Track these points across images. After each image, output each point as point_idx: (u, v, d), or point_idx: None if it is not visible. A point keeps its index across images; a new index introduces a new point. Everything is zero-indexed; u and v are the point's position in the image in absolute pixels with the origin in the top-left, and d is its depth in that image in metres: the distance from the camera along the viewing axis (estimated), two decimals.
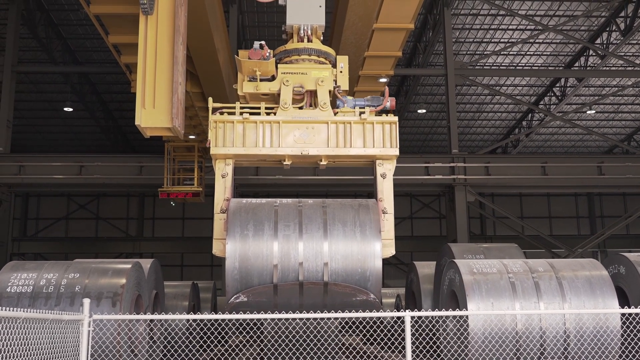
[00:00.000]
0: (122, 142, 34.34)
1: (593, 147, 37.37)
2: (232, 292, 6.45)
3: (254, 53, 7.11)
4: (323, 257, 6.48)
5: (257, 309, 6.58)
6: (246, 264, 6.42)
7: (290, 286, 6.49)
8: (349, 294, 6.55)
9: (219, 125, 6.98)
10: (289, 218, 6.65)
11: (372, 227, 6.60)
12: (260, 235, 6.51)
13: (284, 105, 7.20)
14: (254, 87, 7.35)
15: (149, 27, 6.50)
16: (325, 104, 7.25)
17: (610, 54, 24.08)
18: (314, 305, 6.64)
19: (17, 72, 22.33)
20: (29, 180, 20.71)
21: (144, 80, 6.38)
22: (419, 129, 34.68)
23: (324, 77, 7.38)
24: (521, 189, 23.51)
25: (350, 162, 7.38)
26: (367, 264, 6.52)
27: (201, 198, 20.61)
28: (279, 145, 7.03)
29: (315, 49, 7.64)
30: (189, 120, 17.92)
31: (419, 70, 25.84)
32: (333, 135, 7.12)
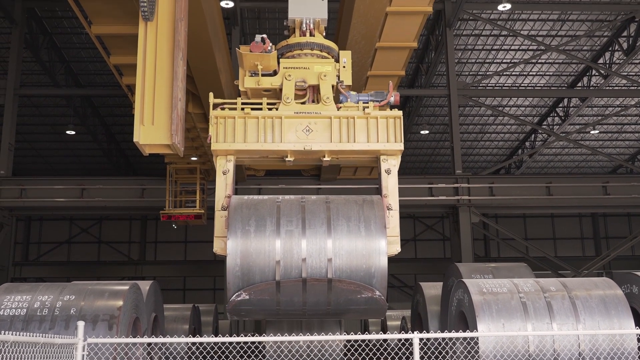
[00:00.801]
0: (124, 165, 34.26)
1: (597, 167, 37.19)
2: (233, 290, 6.24)
3: (256, 46, 6.96)
4: (327, 253, 6.26)
5: (259, 307, 6.37)
6: (248, 260, 6.21)
7: (293, 283, 6.27)
8: (353, 290, 6.33)
9: (219, 120, 6.80)
10: (292, 214, 6.44)
11: (377, 223, 6.38)
12: (262, 231, 6.30)
13: (286, 100, 7.03)
14: (255, 82, 7.19)
15: (148, 42, 6.38)
16: (328, 99, 7.09)
17: (613, 73, 24.01)
18: (318, 303, 6.42)
19: (20, 96, 22.29)
20: (30, 203, 20.57)
21: (143, 97, 6.24)
22: (422, 150, 34.56)
23: (326, 71, 7.23)
24: (526, 209, 23.34)
25: (354, 158, 7.18)
26: (372, 260, 6.30)
27: (203, 220, 20.43)
28: (281, 141, 6.83)
29: (317, 43, 7.50)
30: (190, 142, 17.81)
31: (422, 91, 25.78)
32: (336, 131, 6.94)
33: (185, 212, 19.94)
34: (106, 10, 11.23)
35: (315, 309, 6.60)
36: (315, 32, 7.57)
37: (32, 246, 35.77)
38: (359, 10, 10.97)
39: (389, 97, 7.11)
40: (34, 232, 35.90)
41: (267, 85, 7.11)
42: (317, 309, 6.60)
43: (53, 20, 23.18)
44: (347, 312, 6.70)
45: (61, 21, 23.12)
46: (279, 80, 7.11)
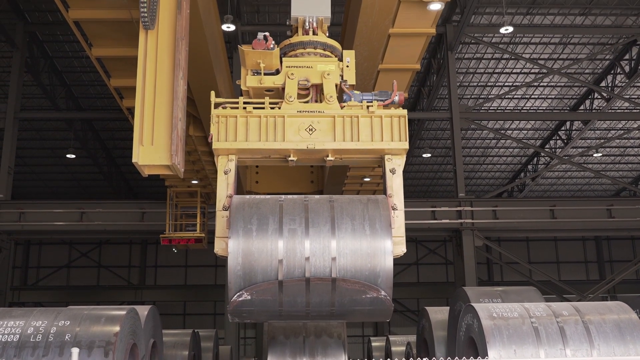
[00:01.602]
0: (125, 188, 34.14)
1: (600, 190, 37.03)
2: (235, 290, 6.01)
3: (258, 43, 6.82)
4: (331, 252, 6.05)
5: (261, 308, 6.16)
6: (250, 259, 5.99)
7: (296, 282, 6.06)
8: (358, 290, 6.11)
9: (221, 119, 6.62)
10: (295, 212, 6.24)
11: (382, 222, 6.19)
12: (265, 230, 6.09)
13: (288, 98, 6.86)
14: (257, 81, 7.02)
15: (148, 61, 6.26)
16: (331, 97, 6.92)
17: (615, 96, 23.96)
18: (322, 304, 6.20)
19: (20, 119, 22.22)
20: (29, 227, 20.38)
21: (142, 116, 6.10)
22: (424, 174, 34.44)
23: (330, 70, 7.08)
24: (529, 232, 23.14)
25: (358, 158, 6.99)
26: (377, 259, 6.10)
27: (204, 244, 20.22)
28: (284, 140, 6.66)
29: (320, 42, 7.35)
30: (191, 165, 17.68)
31: (424, 114, 25.71)
32: (340, 129, 6.76)
33: (186, 235, 19.74)
34: (106, 32, 11.17)
35: (318, 310, 6.37)
36: (318, 31, 7.44)
37: (31, 270, 35.50)
38: (362, 32, 10.90)
39: (394, 96, 6.95)
40: (33, 256, 35.66)
41: (270, 84, 6.96)
42: (321, 310, 6.38)
43: (54, 44, 23.20)
44: (352, 314, 6.48)
45: (62, 45, 23.13)
46: (282, 79, 6.97)
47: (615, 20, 22.64)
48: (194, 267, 35.38)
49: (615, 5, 21.65)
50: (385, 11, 10.24)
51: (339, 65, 7.14)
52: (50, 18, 21.55)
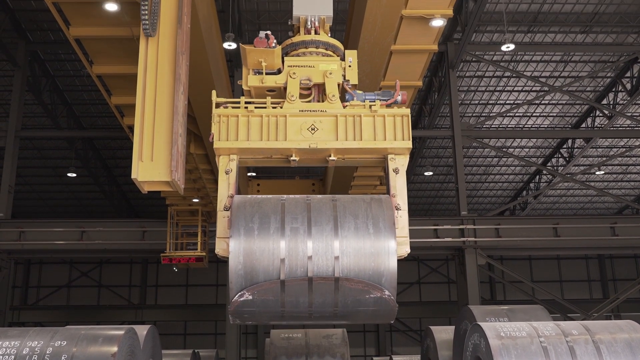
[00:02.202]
0: (126, 207, 34.04)
1: (602, 208, 36.88)
2: (236, 290, 5.87)
3: (260, 42, 6.73)
4: (334, 251, 5.93)
5: (263, 309, 6.01)
6: (251, 258, 5.86)
7: (298, 282, 5.91)
8: (362, 290, 5.96)
9: (222, 119, 6.52)
10: (297, 211, 6.12)
11: (386, 221, 6.06)
12: (267, 229, 5.96)
13: (290, 97, 6.76)
14: (259, 81, 6.93)
15: (148, 75, 6.18)
16: (334, 96, 6.82)
17: (617, 114, 23.91)
18: (324, 304, 6.06)
19: (21, 138, 22.18)
20: (29, 246, 20.24)
21: (142, 132, 6.00)
22: (426, 192, 34.34)
23: (332, 69, 7.00)
24: (532, 251, 22.97)
25: (361, 157, 6.87)
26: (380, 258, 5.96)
27: (205, 263, 20.11)
28: (286, 139, 6.56)
29: (323, 41, 7.26)
30: (192, 183, 17.61)
31: (426, 132, 25.66)
32: (342, 128, 6.65)
33: (186, 254, 19.62)
34: (107, 49, 11.15)
35: (321, 311, 6.23)
36: (320, 31, 7.38)
37: (31, 290, 35.30)
38: (364, 48, 10.86)
39: (396, 95, 6.86)
40: (33, 276, 35.47)
41: (271, 83, 6.87)
42: (324, 311, 6.24)
43: (56, 63, 23.22)
44: (356, 315, 6.33)
45: (64, 64, 23.15)
46: (284, 79, 6.88)
47: (616, 38, 22.66)
48: (195, 287, 35.19)
49: (616, 23, 21.67)
50: (387, 27, 10.21)
51: (341, 65, 7.07)
52: (52, 37, 21.58)
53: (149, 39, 6.35)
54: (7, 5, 19.97)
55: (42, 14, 20.30)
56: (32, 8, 20.29)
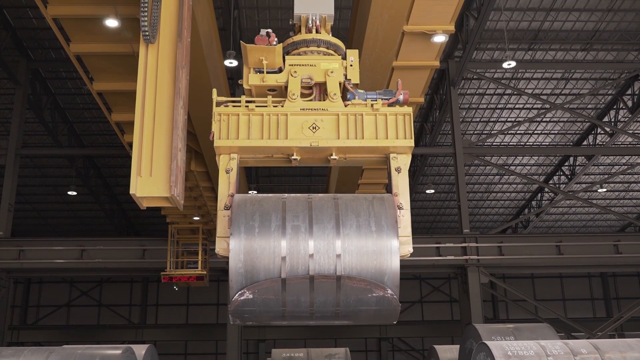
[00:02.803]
0: (126, 226, 33.92)
1: (604, 226, 36.73)
2: (236, 288, 5.75)
3: (260, 39, 6.67)
4: (335, 249, 5.83)
5: (264, 309, 5.89)
6: (252, 257, 5.75)
7: (299, 280, 5.79)
8: (364, 289, 5.84)
9: (223, 117, 6.43)
10: (298, 209, 6.02)
11: (388, 219, 5.94)
12: (267, 227, 5.85)
13: (291, 96, 6.69)
14: (260, 79, 6.85)
15: (147, 89, 6.11)
16: (335, 95, 6.75)
17: (619, 131, 23.86)
18: (326, 303, 5.93)
19: (21, 156, 22.12)
20: (28, 265, 20.11)
21: (141, 146, 5.91)
22: (428, 210, 34.22)
23: (333, 68, 6.93)
24: (535, 269, 22.83)
25: (362, 157, 6.77)
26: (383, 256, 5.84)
27: (205, 282, 19.96)
28: (287, 137, 6.48)
29: (324, 40, 7.19)
30: (193, 201, 17.53)
31: (428, 150, 25.59)
32: (344, 127, 6.57)
33: (187, 273, 19.49)
34: (108, 66, 11.12)
35: (323, 311, 6.10)
36: (321, 30, 7.33)
37: (30, 309, 35.08)
38: (366, 64, 10.82)
39: (398, 94, 6.77)
40: (33, 295, 35.28)
41: (273, 82, 6.81)
42: (326, 311, 6.11)
43: (57, 81, 23.22)
44: (358, 315, 6.20)
45: (65, 82, 23.15)
46: (285, 77, 6.81)
47: (617, 55, 22.67)
48: (195, 306, 34.97)
49: (617, 40, 21.68)
50: (389, 43, 10.17)
51: (343, 64, 7.01)
52: (53, 55, 21.60)
53: (149, 53, 6.29)
54: (9, 23, 20.01)
55: (43, 32, 20.35)
56: (33, 26, 20.34)
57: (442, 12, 9.87)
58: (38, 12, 18.77)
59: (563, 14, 20.47)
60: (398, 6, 9.49)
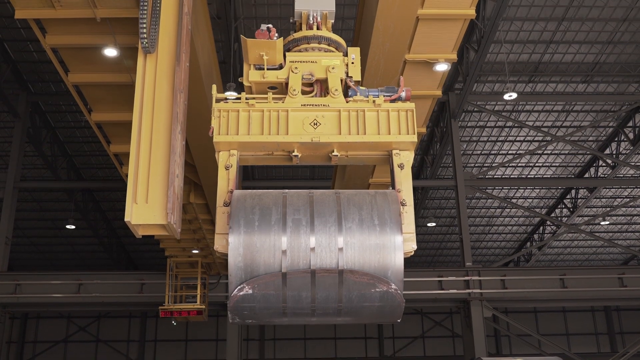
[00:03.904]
0: (125, 260, 33.64)
1: (608, 260, 36.44)
2: (235, 283, 5.52)
3: (261, 34, 6.56)
4: (337, 242, 5.65)
5: (264, 305, 5.65)
6: (251, 250, 5.54)
7: (300, 275, 5.57)
8: (367, 284, 5.62)
9: (222, 113, 6.29)
10: (299, 203, 5.83)
11: (392, 213, 5.75)
12: (268, 221, 5.65)
13: (292, 92, 6.55)
14: (260, 76, 6.71)
15: (144, 113, 5.97)
16: (336, 91, 6.61)
17: (621, 163, 23.76)
18: (328, 299, 5.70)
19: (20, 189, 21.97)
20: (24, 299, 19.82)
21: (137, 172, 5.74)
22: (429, 244, 33.97)
23: (334, 64, 6.78)
24: (539, 302, 22.54)
25: (365, 154, 6.60)
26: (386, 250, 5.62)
27: (204, 317, 19.62)
28: (287, 133, 6.32)
29: (325, 37, 7.08)
30: (192, 234, 17.32)
31: (429, 182, 25.47)
32: (345, 123, 6.39)
33: (186, 307, 19.17)
34: (106, 96, 11.03)
35: (325, 307, 5.87)
36: (322, 27, 7.24)
37: (27, 345, 34.55)
38: None
39: (400, 91, 6.63)
40: (30, 331, 34.79)
41: (273, 78, 6.68)
42: (328, 307, 5.87)
43: (57, 115, 23.19)
44: (361, 312, 5.95)
45: (64, 115, 23.13)
46: (285, 74, 6.70)
47: (618, 87, 22.69)
48: (194, 342, 34.47)
49: (617, 72, 21.71)
50: (390, 72, 10.08)
51: (344, 60, 6.91)
52: (53, 88, 21.60)
53: (146, 75, 6.16)
54: (9, 57, 20.03)
55: (43, 65, 20.36)
56: (34, 60, 20.37)
57: (444, 40, 9.81)
58: (38, 45, 18.81)
59: (563, 46, 20.52)
60: (400, 35, 9.42)
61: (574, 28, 19.72)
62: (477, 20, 17.70)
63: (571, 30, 19.80)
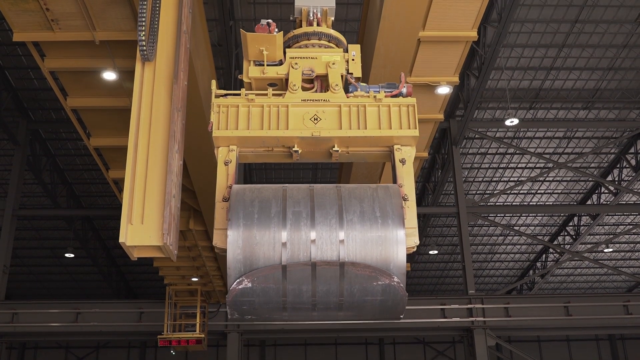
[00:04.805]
0: (125, 289, 33.35)
1: (611, 288, 36.10)
2: (234, 276, 5.35)
3: (261, 28, 6.49)
4: (338, 234, 5.50)
5: (263, 299, 5.48)
6: (251, 242, 5.39)
7: (301, 267, 5.43)
8: (369, 277, 5.46)
9: (222, 109, 6.17)
10: (299, 196, 5.72)
11: (394, 205, 5.61)
12: (267, 213, 5.52)
13: (292, 87, 6.46)
14: (260, 71, 6.61)
15: (141, 132, 5.85)
16: (337, 86, 6.53)
17: (623, 189, 23.62)
18: (329, 293, 5.55)
19: (18, 217, 21.80)
20: (21, 328, 19.54)
21: (132, 192, 5.58)
22: (431, 272, 33.68)
23: (335, 60, 6.68)
24: (543, 331, 22.24)
25: (366, 150, 6.48)
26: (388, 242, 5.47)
27: (204, 346, 19.32)
28: (287, 128, 6.19)
29: (325, 33, 7.02)
30: (191, 261, 17.12)
31: (431, 209, 25.32)
32: (346, 118, 6.30)
33: (185, 336, 18.88)
34: (105, 121, 10.96)
35: (326, 302, 5.70)
36: (322, 24, 7.18)
37: None
38: None
39: (401, 87, 6.54)
40: None
41: (273, 74, 6.63)
42: (329, 302, 5.71)
43: (57, 142, 23.13)
44: (362, 306, 5.78)
45: (65, 143, 23.07)
46: (285, 69, 6.64)
47: (619, 114, 22.64)
48: None
49: (618, 99, 21.68)
50: None
51: (345, 56, 6.85)
52: (53, 116, 21.57)
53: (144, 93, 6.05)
54: (10, 84, 20.02)
55: (44, 93, 20.35)
56: (34, 87, 20.36)
57: (446, 62, 9.74)
58: (39, 72, 18.81)
59: (564, 72, 20.51)
60: (401, 57, 9.35)
61: (575, 54, 19.73)
62: (477, 46, 17.70)
63: (572, 56, 19.81)
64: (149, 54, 6.08)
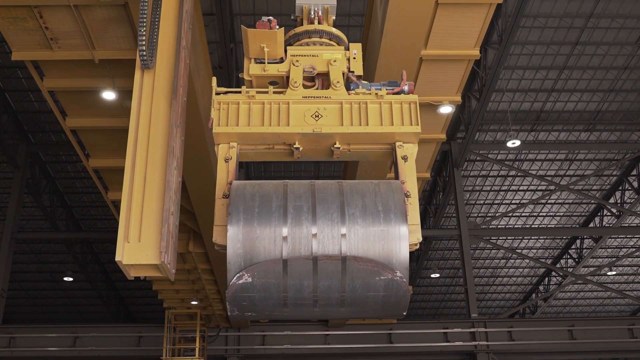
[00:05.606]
0: (124, 313, 33.05)
1: (615, 311, 35.77)
2: (234, 270, 5.20)
3: (262, 24, 6.44)
4: (340, 228, 5.38)
5: (264, 294, 5.32)
6: (251, 236, 5.27)
7: (302, 261, 5.30)
8: (371, 271, 5.34)
9: (222, 105, 6.08)
10: (300, 191, 5.62)
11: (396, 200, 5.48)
12: (268, 208, 5.42)
13: (293, 84, 6.36)
14: (261, 69, 6.52)
15: (138, 149, 5.73)
16: (338, 83, 6.45)
17: (626, 211, 23.47)
18: (330, 289, 5.43)
19: (17, 241, 21.63)
20: (18, 353, 19.29)
21: (129, 209, 5.45)
22: (433, 295, 33.39)
23: (336, 57, 6.60)
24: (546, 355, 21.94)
25: (368, 147, 6.37)
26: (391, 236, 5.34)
27: None
28: (288, 125, 6.08)
29: (326, 31, 6.99)
30: (191, 284, 16.93)
31: (433, 232, 25.13)
32: (347, 115, 6.19)
33: None
34: (104, 141, 10.87)
35: (327, 297, 5.55)
36: (323, 22, 7.14)
37: None
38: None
39: (403, 84, 6.45)
40: None
41: (274, 72, 6.57)
42: (330, 297, 5.56)
43: (56, 165, 23.05)
44: (365, 302, 5.62)
45: (64, 165, 22.98)
46: (286, 67, 6.60)
47: (620, 135, 22.57)
48: None
49: (619, 120, 21.63)
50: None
51: (346, 54, 6.78)
52: (53, 138, 21.50)
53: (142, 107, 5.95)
54: (10, 107, 19.98)
55: (44, 116, 20.30)
56: (34, 110, 20.31)
57: (448, 81, 9.67)
58: (39, 95, 18.78)
59: (565, 94, 20.48)
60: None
61: (576, 76, 19.71)
62: (478, 68, 17.67)
63: (573, 78, 19.78)
64: (148, 61, 6.00)
